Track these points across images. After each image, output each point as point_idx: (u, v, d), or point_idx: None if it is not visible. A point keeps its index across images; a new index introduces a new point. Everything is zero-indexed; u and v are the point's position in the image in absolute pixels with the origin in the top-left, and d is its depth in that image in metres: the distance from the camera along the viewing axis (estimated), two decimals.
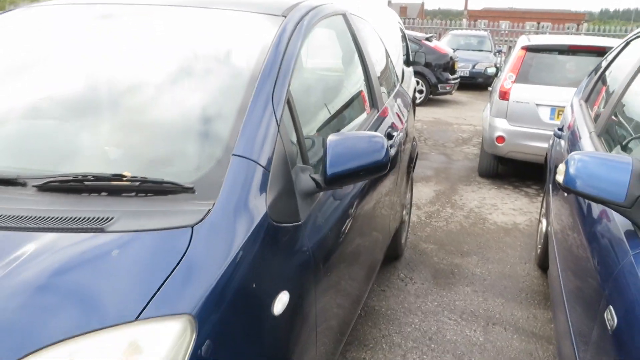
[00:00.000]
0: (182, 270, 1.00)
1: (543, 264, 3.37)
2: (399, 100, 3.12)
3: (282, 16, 1.81)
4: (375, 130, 2.25)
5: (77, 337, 0.86)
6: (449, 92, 11.06)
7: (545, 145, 4.06)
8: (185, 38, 1.77)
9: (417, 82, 10.51)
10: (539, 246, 3.53)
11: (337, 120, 2.06)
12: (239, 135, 1.30)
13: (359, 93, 2.44)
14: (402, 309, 2.96)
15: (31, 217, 1.09)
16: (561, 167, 1.51)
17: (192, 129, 1.43)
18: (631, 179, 1.36)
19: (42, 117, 1.54)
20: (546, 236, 3.18)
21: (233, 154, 1.26)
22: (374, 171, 1.51)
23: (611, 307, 1.26)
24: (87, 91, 1.61)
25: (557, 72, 5.20)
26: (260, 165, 1.28)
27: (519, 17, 51.63)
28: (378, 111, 2.47)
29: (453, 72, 10.94)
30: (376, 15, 5.57)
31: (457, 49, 14.08)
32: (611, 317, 1.23)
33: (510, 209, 4.78)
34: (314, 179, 1.47)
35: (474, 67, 13.33)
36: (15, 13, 2.01)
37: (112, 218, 1.09)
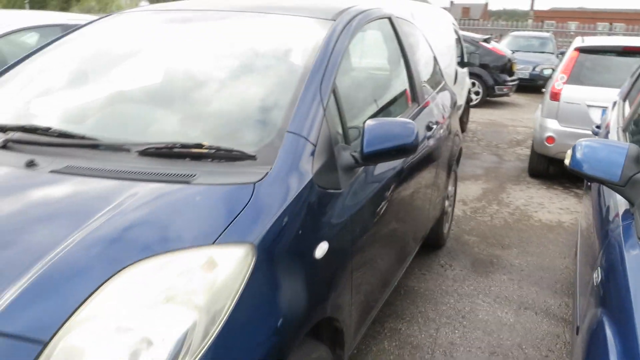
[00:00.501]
0: (245, 213, 1.33)
1: None
2: (442, 98, 3.36)
3: (332, 20, 2.12)
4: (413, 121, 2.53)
5: (173, 252, 1.20)
6: (506, 94, 11.02)
7: None
8: (250, 38, 2.12)
9: (474, 84, 10.56)
10: (579, 239, 3.66)
11: (379, 111, 2.35)
12: (292, 116, 1.62)
13: (402, 89, 2.72)
14: (439, 290, 3.20)
15: (136, 171, 1.46)
16: (569, 152, 1.74)
17: (255, 110, 1.77)
18: (625, 161, 1.57)
19: (141, 101, 1.93)
20: None
21: (287, 131, 1.58)
22: (404, 152, 1.79)
23: (599, 267, 1.48)
24: (176, 81, 2.00)
25: (609, 73, 5.22)
26: (308, 140, 1.60)
27: (589, 17, 49.44)
28: (419, 105, 2.73)
29: (511, 73, 10.90)
30: (429, 19, 5.79)
31: (517, 51, 13.93)
32: (597, 275, 1.45)
33: (557, 208, 4.88)
34: (353, 156, 1.77)
35: (534, 69, 13.16)
36: (114, 17, 2.44)
37: (195, 175, 1.44)
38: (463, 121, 8.12)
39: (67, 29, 3.64)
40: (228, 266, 1.22)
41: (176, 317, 1.12)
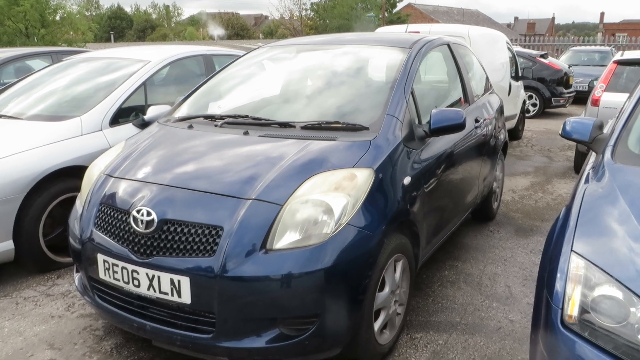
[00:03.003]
0: (367, 154, 2.50)
1: None
2: (489, 102, 4.44)
3: (409, 48, 3.29)
4: None
5: (335, 170, 2.39)
6: (563, 106, 11.72)
7: None
8: (357, 59, 3.34)
9: (531, 96, 11.37)
10: None
11: (442, 105, 3.49)
12: (389, 105, 2.80)
13: (458, 94, 3.84)
14: (487, 245, 4.24)
15: (301, 136, 2.67)
16: (562, 126, 2.80)
17: (367, 102, 2.97)
18: (592, 128, 2.63)
19: (294, 99, 3.20)
20: None
21: (386, 114, 2.76)
22: (456, 129, 2.91)
23: (564, 207, 2.48)
24: (316, 86, 3.25)
25: None
26: (398, 119, 2.76)
27: None
28: (469, 104, 3.84)
29: (567, 86, 11.61)
30: (484, 41, 6.84)
31: (577, 65, 14.52)
32: (560, 215, 2.45)
33: None
34: (424, 131, 2.92)
35: (592, 82, 13.69)
36: (261, 49, 3.74)
37: (336, 137, 2.63)
38: (518, 129, 9.01)
39: (208, 57, 5.03)
40: (361, 177, 2.39)
41: (340, 198, 2.29)
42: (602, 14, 67.10)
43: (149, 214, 2.30)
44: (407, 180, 2.68)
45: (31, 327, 2.93)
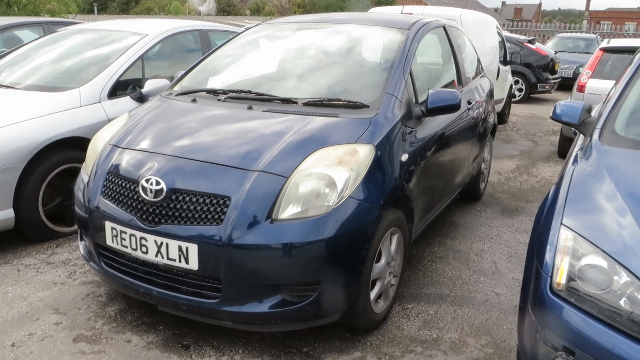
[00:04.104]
0: (368, 131, 2.60)
1: None
2: (481, 85, 4.55)
3: (407, 29, 3.37)
4: None
5: (337, 145, 2.48)
6: (548, 91, 11.92)
7: None
8: (356, 39, 3.41)
9: (517, 81, 11.54)
10: None
11: (437, 87, 3.59)
12: (388, 84, 2.89)
13: (452, 75, 3.95)
14: (474, 223, 4.40)
15: (304, 112, 2.76)
16: (553, 108, 2.92)
17: (367, 80, 3.06)
18: (581, 111, 2.76)
19: (295, 76, 3.26)
20: None
21: (386, 92, 2.85)
22: (452, 109, 3.02)
23: (554, 186, 2.63)
24: (316, 63, 3.32)
25: None
26: (397, 98, 2.86)
27: None
28: (462, 87, 3.95)
29: (553, 72, 11.79)
30: (476, 24, 6.93)
31: (563, 51, 14.73)
32: (549, 193, 2.59)
33: None
34: (421, 110, 3.02)
35: (577, 68, 13.92)
36: (263, 25, 3.79)
37: (338, 114, 2.72)
38: (504, 113, 9.17)
39: (204, 33, 5.05)
40: (362, 153, 2.49)
41: (342, 172, 2.39)
42: (588, 1, 67.53)
43: (157, 183, 2.38)
44: (404, 157, 2.79)
45: (34, 293, 3.00)
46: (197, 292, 2.39)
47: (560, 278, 1.82)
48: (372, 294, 2.63)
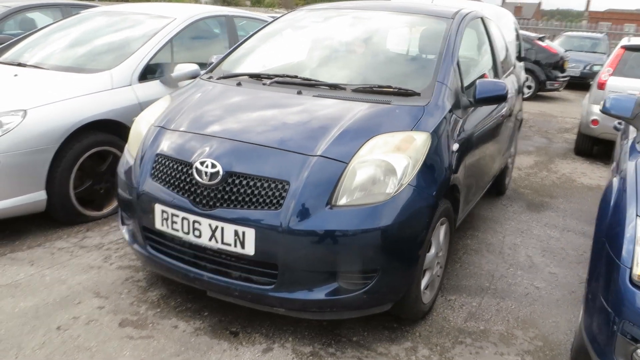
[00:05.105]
0: (423, 119, 2.55)
1: None
2: (512, 79, 4.52)
3: (451, 19, 3.33)
4: None
5: (395, 132, 2.44)
6: (557, 89, 11.92)
7: None
8: (404, 27, 3.36)
9: (527, 78, 11.52)
10: None
11: (479, 77, 3.55)
12: (439, 72, 2.84)
13: (489, 67, 3.91)
14: (503, 217, 4.37)
15: (350, 98, 2.71)
16: (602, 102, 2.89)
17: (418, 69, 3.02)
18: (635, 105, 2.73)
19: (344, 64, 3.21)
20: None
21: (437, 81, 2.81)
22: (499, 100, 2.98)
23: (615, 179, 2.59)
24: (367, 50, 3.26)
25: None
26: (447, 86, 2.81)
27: None
28: (499, 79, 3.91)
29: (562, 70, 11.79)
30: (495, 18, 6.87)
31: (570, 50, 14.70)
32: (612, 186, 2.55)
33: (597, 176, 5.94)
34: (469, 100, 2.98)
35: (585, 67, 13.93)
36: (299, 12, 3.73)
37: (390, 101, 2.68)
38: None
39: (230, 18, 4.99)
40: (419, 140, 2.45)
41: (401, 159, 2.35)
42: (588, 2, 67.54)
43: (213, 165, 2.32)
44: (455, 146, 2.75)
45: (72, 276, 2.95)
46: (250, 277, 2.35)
47: None
48: (422, 284, 2.60)
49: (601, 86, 6.38)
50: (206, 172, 2.33)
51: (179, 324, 2.56)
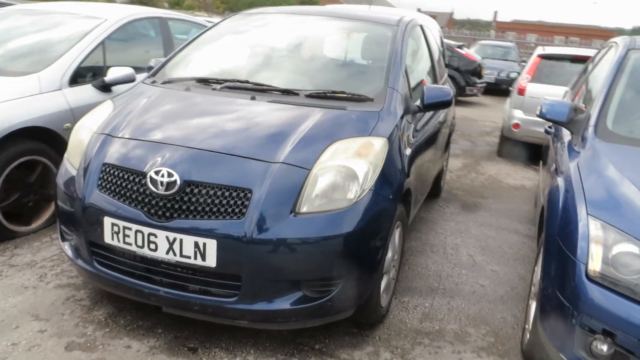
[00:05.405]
0: (378, 124, 2.58)
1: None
2: (449, 84, 4.70)
3: (396, 25, 3.40)
4: None
5: (354, 137, 2.44)
6: (475, 95, 12.57)
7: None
8: (345, 33, 3.39)
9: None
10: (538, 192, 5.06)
11: (420, 82, 3.65)
12: (389, 78, 2.89)
13: (430, 74, 4.04)
14: (441, 218, 4.53)
15: (305, 103, 2.69)
16: (538, 107, 3.07)
17: (367, 75, 3.05)
18: (569, 110, 2.92)
19: (288, 67, 3.18)
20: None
21: (388, 87, 2.85)
22: (446, 105, 3.09)
23: (558, 179, 2.76)
24: (313, 56, 3.24)
25: (564, 75, 6.68)
26: (398, 92, 2.87)
27: (547, 30, 52.30)
28: (437, 84, 4.06)
29: (480, 77, 12.45)
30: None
31: (484, 58, 15.57)
32: (557, 187, 2.72)
33: (521, 176, 6.31)
34: (417, 106, 3.06)
35: (499, 74, 14.81)
36: (241, 16, 3.66)
37: (345, 107, 2.69)
38: None
39: (164, 21, 4.81)
40: (377, 145, 2.48)
41: (362, 164, 2.36)
42: (496, 13, 71.93)
43: (170, 175, 2.21)
44: (408, 151, 2.81)
45: (5, 299, 2.69)
46: (211, 290, 2.26)
47: (596, 265, 1.91)
48: (381, 288, 2.62)
49: (521, 92, 6.79)
50: (162, 182, 2.21)
51: (131, 344, 2.42)
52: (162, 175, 2.22)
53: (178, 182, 2.20)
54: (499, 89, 14.64)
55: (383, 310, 2.73)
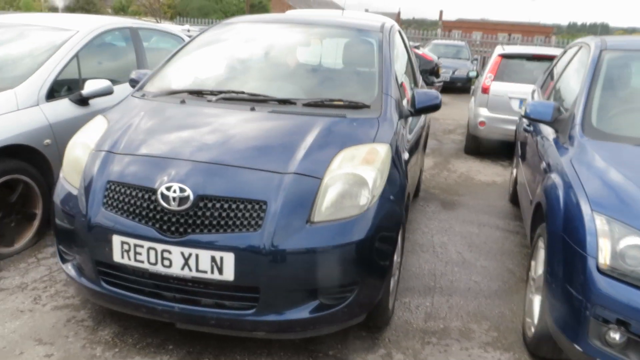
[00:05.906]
0: (379, 130, 2.63)
1: (513, 199, 5.07)
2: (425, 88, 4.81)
3: (380, 31, 3.46)
4: None
5: (359, 144, 2.48)
6: None
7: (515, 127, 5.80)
8: (332, 40, 3.42)
9: None
10: (511, 188, 5.24)
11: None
12: (382, 84, 2.95)
13: (412, 78, 4.13)
14: (425, 218, 4.63)
15: (304, 112, 2.71)
16: (523, 107, 3.20)
17: (360, 82, 3.09)
18: (553, 110, 3.06)
19: (279, 76, 3.18)
20: (515, 179, 4.88)
21: (384, 93, 2.90)
22: (435, 108, 3.17)
23: (552, 176, 2.89)
24: (300, 67, 3.25)
25: (524, 73, 6.97)
26: (393, 97, 2.93)
27: (491, 28, 54.15)
28: (418, 88, 4.15)
29: (437, 76, 12.75)
30: None
31: (438, 57, 15.97)
32: (554, 184, 2.85)
33: (491, 173, 6.52)
34: (409, 110, 3.13)
35: (454, 72, 15.22)
36: (226, 26, 3.63)
37: (345, 114, 2.72)
38: None
39: (134, 31, 4.72)
40: (382, 152, 2.52)
41: (370, 171, 2.40)
42: (441, 12, 73.76)
43: (182, 190, 2.18)
44: (405, 155, 2.88)
45: (2, 324, 2.58)
46: (228, 304, 2.24)
47: (606, 259, 2.02)
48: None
49: (485, 90, 7.02)
50: (174, 198, 2.18)
51: None
52: (174, 191, 2.19)
53: (191, 197, 2.18)
54: (455, 87, 15.06)
55: (390, 312, 2.78)
